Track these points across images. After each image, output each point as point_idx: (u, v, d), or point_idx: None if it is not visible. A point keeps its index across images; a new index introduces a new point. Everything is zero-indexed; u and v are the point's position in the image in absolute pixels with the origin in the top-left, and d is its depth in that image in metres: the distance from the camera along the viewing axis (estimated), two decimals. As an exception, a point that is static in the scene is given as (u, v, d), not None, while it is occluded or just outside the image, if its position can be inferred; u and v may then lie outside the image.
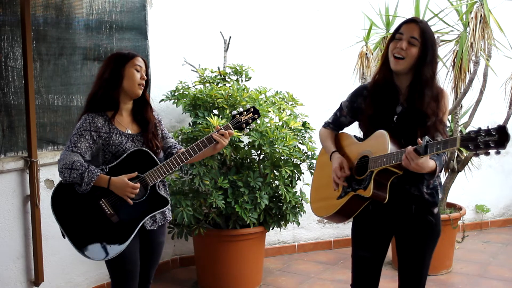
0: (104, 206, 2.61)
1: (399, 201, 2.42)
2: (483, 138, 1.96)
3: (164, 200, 2.70)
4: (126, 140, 2.67)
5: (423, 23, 2.38)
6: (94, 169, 2.57)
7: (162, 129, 2.84)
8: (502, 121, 4.54)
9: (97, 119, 2.65)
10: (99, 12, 3.91)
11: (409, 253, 2.51)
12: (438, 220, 2.50)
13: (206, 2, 4.62)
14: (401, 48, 2.34)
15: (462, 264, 4.58)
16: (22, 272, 3.55)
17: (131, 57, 2.69)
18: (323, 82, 4.94)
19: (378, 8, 4.59)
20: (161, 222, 2.79)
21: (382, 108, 2.42)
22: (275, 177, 3.98)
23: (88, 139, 2.62)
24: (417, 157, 2.15)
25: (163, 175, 2.65)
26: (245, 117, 2.72)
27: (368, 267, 2.57)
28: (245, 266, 4.08)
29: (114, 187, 2.57)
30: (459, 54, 4.25)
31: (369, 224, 2.53)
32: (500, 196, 5.73)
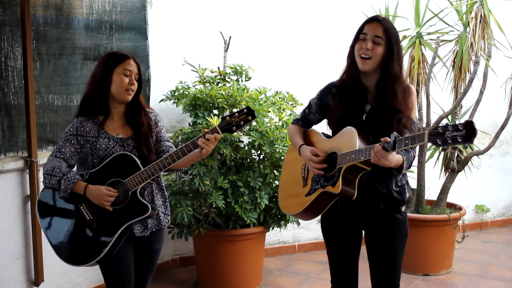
0: (84, 212, 2.57)
1: (368, 199, 2.44)
2: (450, 133, 1.97)
3: (144, 207, 2.54)
4: (114, 145, 2.61)
5: (385, 20, 2.40)
6: (71, 176, 2.54)
7: (158, 131, 2.73)
8: (502, 121, 4.54)
9: (86, 123, 2.61)
10: (99, 12, 3.91)
11: (379, 252, 2.52)
12: (406, 218, 2.51)
13: (206, 2, 4.62)
14: (367, 49, 2.36)
15: (462, 264, 4.58)
16: (22, 272, 3.55)
17: (121, 61, 2.61)
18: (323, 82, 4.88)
19: (378, 8, 4.60)
20: (155, 228, 2.68)
21: (350, 107, 2.43)
22: (275, 177, 3.98)
23: (74, 144, 2.60)
24: (386, 153, 2.16)
25: (144, 181, 2.53)
26: (236, 119, 2.49)
27: (344, 264, 2.58)
28: (245, 266, 4.08)
29: (90, 194, 2.53)
30: (459, 54, 4.25)
31: (338, 222, 2.54)
32: (500, 196, 5.73)
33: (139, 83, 2.66)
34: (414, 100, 2.43)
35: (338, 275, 2.61)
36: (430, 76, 4.39)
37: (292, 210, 2.62)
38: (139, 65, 2.66)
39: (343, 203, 2.48)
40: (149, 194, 2.67)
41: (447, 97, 4.54)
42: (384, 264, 2.51)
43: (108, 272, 2.66)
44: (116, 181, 2.56)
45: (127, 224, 2.55)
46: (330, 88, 2.58)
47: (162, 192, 2.74)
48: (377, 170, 2.36)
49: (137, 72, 2.64)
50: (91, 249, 2.56)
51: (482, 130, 5.36)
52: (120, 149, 2.60)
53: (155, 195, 2.69)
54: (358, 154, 2.27)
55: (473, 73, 4.26)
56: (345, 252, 2.57)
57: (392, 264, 2.50)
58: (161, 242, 2.77)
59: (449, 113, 4.47)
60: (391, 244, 2.49)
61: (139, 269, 2.73)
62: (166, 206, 2.75)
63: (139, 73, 2.66)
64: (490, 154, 5.40)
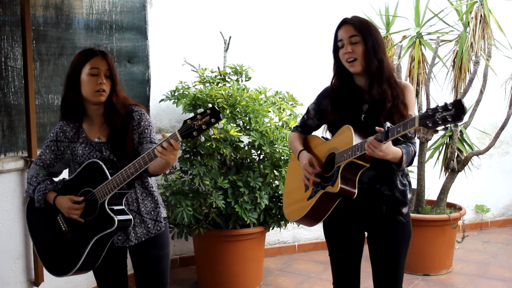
0: (61, 222, 2.51)
1: (370, 201, 2.42)
2: (440, 114, 1.95)
3: (110, 220, 2.35)
4: (91, 150, 2.47)
5: (354, 19, 2.44)
6: (43, 187, 2.48)
7: (140, 132, 2.49)
8: (502, 121, 4.54)
9: (66, 127, 2.51)
10: (99, 12, 3.91)
11: (381, 255, 2.50)
12: (409, 220, 2.48)
13: (206, 2, 4.62)
14: (349, 52, 2.38)
15: (462, 264, 4.58)
16: (22, 272, 3.55)
17: (87, 59, 2.43)
18: (323, 82, 4.88)
19: (378, 8, 4.59)
20: (144, 237, 2.50)
21: (347, 110, 2.43)
22: (275, 177, 3.98)
23: (55, 150, 2.51)
24: (379, 144, 2.15)
25: (111, 191, 2.34)
26: (199, 122, 2.15)
27: (346, 267, 2.57)
28: (245, 266, 4.08)
29: (58, 205, 2.46)
30: (459, 54, 4.25)
31: (340, 225, 2.53)
32: (500, 196, 5.73)
33: (112, 80, 2.45)
34: (408, 95, 2.40)
35: (340, 277, 2.60)
36: (430, 76, 4.39)
37: (295, 216, 2.58)
38: (109, 59, 2.44)
39: (345, 206, 2.46)
40: (134, 201, 2.50)
41: (447, 97, 4.54)
42: (386, 267, 2.50)
43: (96, 280, 2.66)
44: (88, 190, 2.43)
45: (97, 237, 2.39)
46: (327, 92, 2.59)
47: (152, 197, 2.53)
48: (379, 169, 2.35)
49: (108, 68, 2.43)
50: (68, 260, 2.48)
51: (482, 130, 5.37)
52: (97, 155, 2.46)
53: (141, 202, 2.50)
54: (354, 149, 2.26)
55: (473, 73, 4.26)
56: (348, 255, 2.55)
57: (394, 267, 2.49)
58: (158, 249, 2.56)
59: (449, 113, 4.46)
60: (394, 247, 2.47)
61: (140, 279, 2.59)
62: (158, 213, 2.53)
63: (110, 69, 2.44)
64: (490, 154, 5.40)
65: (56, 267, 2.54)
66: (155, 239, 2.54)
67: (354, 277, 2.58)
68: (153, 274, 2.57)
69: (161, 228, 2.54)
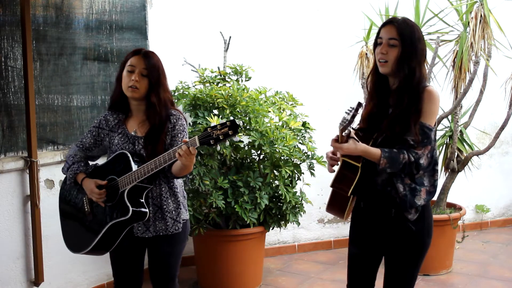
0: (85, 204, 2.70)
1: (381, 203, 2.43)
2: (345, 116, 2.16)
3: (126, 208, 2.52)
4: (125, 141, 2.64)
5: (400, 22, 2.38)
6: (77, 167, 2.69)
7: (174, 135, 2.63)
8: (502, 121, 4.54)
9: (109, 117, 2.72)
10: (99, 12, 3.91)
11: (391, 261, 2.48)
12: (421, 228, 2.41)
13: (206, 2, 4.62)
14: (382, 53, 2.36)
15: (462, 264, 4.58)
16: (22, 272, 3.55)
17: (128, 57, 2.63)
18: (323, 82, 4.94)
19: (378, 8, 4.59)
20: (162, 233, 2.64)
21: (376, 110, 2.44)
22: (275, 177, 3.98)
23: (95, 136, 2.72)
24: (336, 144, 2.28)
25: (132, 182, 2.52)
26: (218, 132, 2.32)
27: (359, 264, 2.56)
28: (245, 266, 4.08)
29: (84, 187, 2.66)
30: (459, 54, 4.25)
31: (360, 221, 2.55)
32: (500, 196, 5.73)
33: (149, 80, 2.58)
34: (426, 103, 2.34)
35: (352, 275, 2.60)
36: (430, 76, 4.39)
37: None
38: (150, 61, 2.60)
39: (365, 204, 2.50)
40: (157, 197, 2.64)
41: (447, 97, 4.54)
42: (394, 275, 2.49)
43: (111, 265, 2.79)
44: (113, 178, 2.61)
45: (111, 223, 2.57)
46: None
47: (175, 198, 2.67)
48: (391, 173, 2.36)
49: (145, 67, 2.58)
50: (84, 239, 2.67)
51: (482, 130, 5.37)
52: (130, 147, 2.63)
53: (164, 199, 2.64)
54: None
55: (473, 73, 4.26)
56: (361, 252, 2.55)
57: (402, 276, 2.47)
58: (172, 246, 2.69)
59: (449, 113, 4.47)
60: (402, 257, 2.45)
61: (153, 272, 2.73)
62: (179, 213, 2.66)
63: (148, 69, 2.58)
64: (490, 154, 5.40)
65: (74, 244, 2.77)
66: (171, 237, 2.68)
67: (367, 278, 2.56)
68: (164, 269, 2.72)
69: (179, 229, 2.68)
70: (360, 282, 2.57)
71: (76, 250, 2.76)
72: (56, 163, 3.69)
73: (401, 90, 2.36)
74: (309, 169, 4.06)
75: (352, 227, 2.61)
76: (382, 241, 2.49)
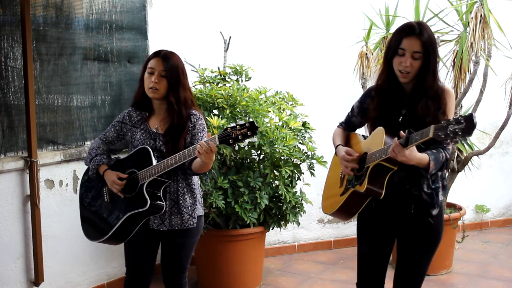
0: (105, 193, 2.83)
1: (399, 200, 2.46)
2: (453, 126, 2.03)
3: (144, 200, 2.65)
4: (147, 137, 2.77)
5: (423, 32, 2.38)
6: (98, 159, 2.82)
7: (194, 134, 2.74)
8: (502, 121, 4.54)
9: (133, 113, 2.84)
10: (99, 12, 3.91)
11: (406, 254, 2.54)
12: (439, 222, 2.51)
13: (206, 2, 4.62)
14: (406, 65, 2.37)
15: (462, 264, 4.58)
16: (22, 272, 3.55)
17: (149, 60, 2.75)
18: (323, 82, 4.94)
19: (378, 8, 4.59)
20: (177, 227, 2.75)
21: (387, 110, 2.48)
22: (275, 177, 3.98)
23: (118, 130, 2.86)
24: (402, 149, 2.21)
25: (152, 176, 2.65)
26: (237, 132, 2.45)
27: (369, 263, 2.61)
28: (245, 266, 4.08)
29: (105, 178, 2.79)
30: (459, 54, 4.24)
31: (371, 221, 2.59)
32: (500, 196, 5.73)
33: (168, 80, 2.70)
34: (449, 102, 2.43)
35: (363, 274, 2.64)
36: (430, 76, 4.38)
37: (329, 210, 2.68)
38: (168, 62, 2.71)
39: (377, 204, 2.51)
40: (174, 192, 2.76)
41: (447, 97, 4.54)
42: (408, 268, 2.55)
43: (125, 256, 2.88)
44: (133, 171, 2.74)
45: (129, 214, 2.70)
46: (370, 91, 2.62)
47: (192, 194, 2.79)
48: (409, 171, 2.40)
49: (163, 69, 2.70)
50: (100, 229, 2.82)
51: (482, 130, 5.36)
52: (151, 143, 2.75)
53: (180, 195, 2.76)
54: (381, 152, 2.33)
55: (473, 73, 4.25)
56: (372, 252, 2.60)
57: (416, 268, 2.54)
58: (185, 238, 2.80)
59: (449, 113, 4.46)
60: (418, 249, 2.51)
61: (165, 263, 2.84)
62: (194, 209, 2.78)
63: (167, 70, 2.70)
64: (490, 154, 5.40)
65: (91, 232, 2.90)
66: (185, 230, 2.78)
67: (377, 277, 2.62)
68: (175, 258, 2.83)
69: (193, 224, 2.78)
70: (371, 280, 2.62)
71: (93, 238, 2.88)
72: (56, 163, 3.69)
73: (421, 95, 2.41)
74: (309, 169, 4.06)
75: (360, 228, 2.65)
76: (393, 236, 2.57)
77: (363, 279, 2.64)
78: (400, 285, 2.57)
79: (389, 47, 2.45)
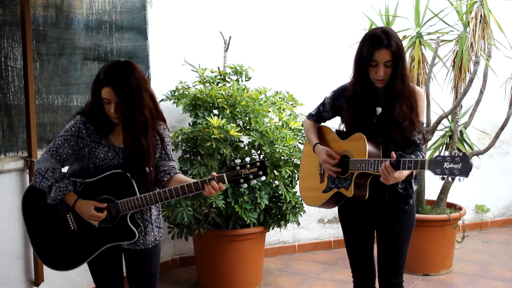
0: (70, 221, 2.49)
1: (374, 191, 2.60)
2: (448, 164, 2.19)
3: (131, 233, 2.46)
4: (113, 156, 2.46)
5: (391, 43, 2.49)
6: (63, 186, 2.42)
7: (164, 147, 2.55)
8: (502, 121, 4.54)
9: (89, 125, 2.44)
10: (99, 12, 3.91)
11: (385, 239, 2.70)
12: (412, 209, 2.70)
13: (206, 2, 4.62)
14: (381, 75, 2.51)
15: (462, 264, 4.58)
16: (22, 272, 3.55)
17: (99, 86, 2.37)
18: (323, 82, 4.91)
19: (378, 8, 4.59)
20: (151, 245, 2.56)
21: (362, 110, 2.61)
22: (275, 177, 3.98)
23: (73, 146, 2.44)
24: (393, 170, 2.37)
25: (137, 208, 2.43)
26: (247, 171, 2.39)
27: (356, 249, 2.80)
28: (245, 266, 4.08)
29: (78, 209, 2.44)
30: (459, 54, 4.25)
31: (350, 211, 2.76)
32: (500, 196, 5.73)
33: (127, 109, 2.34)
34: (420, 103, 2.59)
35: (352, 260, 2.82)
36: (430, 76, 4.39)
37: (312, 203, 2.89)
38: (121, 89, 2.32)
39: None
40: (147, 211, 2.55)
41: (447, 97, 4.54)
42: (389, 249, 2.69)
43: (95, 280, 2.64)
44: (108, 198, 2.45)
45: (110, 245, 2.48)
46: (343, 91, 2.72)
47: (156, 205, 2.59)
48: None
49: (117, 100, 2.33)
50: (71, 258, 2.52)
51: (482, 130, 5.36)
52: (118, 161, 2.45)
53: (153, 210, 2.57)
54: (368, 164, 2.48)
55: (473, 73, 4.25)
56: (354, 239, 2.78)
57: (396, 248, 2.68)
58: (158, 255, 2.64)
59: (449, 113, 4.47)
60: (396, 230, 2.68)
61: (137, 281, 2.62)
62: (160, 220, 2.63)
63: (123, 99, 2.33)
64: (490, 154, 5.40)
65: (56, 262, 2.56)
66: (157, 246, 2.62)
67: (367, 261, 2.79)
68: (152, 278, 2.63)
69: (162, 235, 2.65)
70: (361, 263, 2.80)
71: (60, 268, 2.58)
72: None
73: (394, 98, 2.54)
74: (309, 169, 4.06)
75: (342, 218, 2.83)
76: (373, 222, 2.73)
77: (355, 264, 2.82)
78: (384, 266, 2.72)
79: (361, 58, 2.55)
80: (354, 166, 2.55)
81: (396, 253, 2.68)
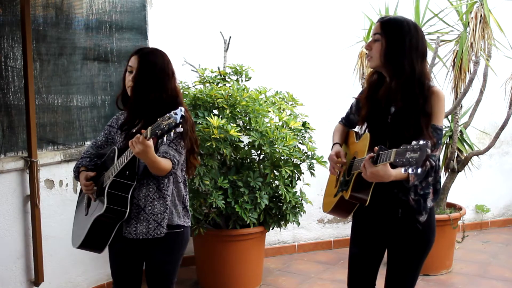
0: (85, 198, 2.75)
1: (387, 204, 2.41)
2: (409, 154, 1.94)
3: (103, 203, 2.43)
4: (123, 139, 2.59)
5: (386, 18, 2.40)
6: (81, 161, 2.72)
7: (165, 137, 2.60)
8: (502, 121, 4.54)
9: (121, 116, 2.71)
10: (99, 12, 3.91)
11: (395, 260, 2.49)
12: (428, 229, 2.43)
13: (206, 2, 4.62)
14: (366, 48, 2.38)
15: (462, 264, 4.58)
16: (22, 272, 3.55)
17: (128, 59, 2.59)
18: (323, 82, 4.94)
19: (378, 8, 4.59)
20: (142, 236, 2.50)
21: (376, 108, 2.42)
22: (275, 177, 3.98)
23: (107, 134, 2.73)
24: (370, 165, 2.16)
25: (110, 176, 2.46)
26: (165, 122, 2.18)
27: (358, 264, 2.57)
28: (245, 266, 4.08)
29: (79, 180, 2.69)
30: (459, 54, 4.25)
31: (363, 222, 2.55)
32: (500, 196, 5.73)
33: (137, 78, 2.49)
34: (438, 105, 2.32)
35: (352, 275, 2.60)
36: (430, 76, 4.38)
37: (324, 208, 2.70)
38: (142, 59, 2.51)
39: (368, 206, 2.44)
40: (142, 197, 2.51)
41: (447, 97, 4.52)
42: (397, 274, 2.49)
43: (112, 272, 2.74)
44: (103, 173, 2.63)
45: (94, 218, 2.48)
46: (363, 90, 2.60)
47: (163, 200, 2.51)
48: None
49: (138, 66, 2.50)
50: (78, 234, 2.69)
51: (482, 130, 5.36)
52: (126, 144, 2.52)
53: (149, 201, 2.50)
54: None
55: (473, 73, 4.26)
56: (360, 252, 2.56)
57: (405, 275, 2.47)
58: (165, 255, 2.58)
59: (449, 113, 4.47)
60: (407, 256, 2.45)
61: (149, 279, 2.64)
62: (164, 217, 2.50)
63: (139, 67, 2.50)
64: (490, 154, 5.40)
65: (72, 237, 2.78)
66: (163, 243, 2.56)
67: (366, 278, 2.56)
68: (158, 274, 2.61)
69: (161, 234, 2.51)
70: (360, 282, 2.57)
71: (73, 244, 2.73)
72: (56, 163, 3.70)
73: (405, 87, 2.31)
74: (309, 169, 4.06)
75: (353, 228, 2.62)
76: (384, 240, 2.50)
77: (353, 280, 2.60)
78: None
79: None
80: (356, 166, 2.38)
81: (404, 280, 2.47)
